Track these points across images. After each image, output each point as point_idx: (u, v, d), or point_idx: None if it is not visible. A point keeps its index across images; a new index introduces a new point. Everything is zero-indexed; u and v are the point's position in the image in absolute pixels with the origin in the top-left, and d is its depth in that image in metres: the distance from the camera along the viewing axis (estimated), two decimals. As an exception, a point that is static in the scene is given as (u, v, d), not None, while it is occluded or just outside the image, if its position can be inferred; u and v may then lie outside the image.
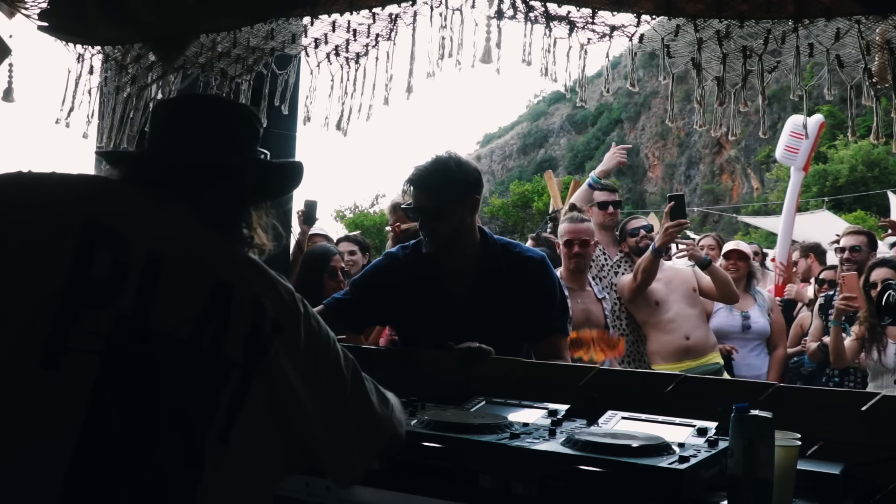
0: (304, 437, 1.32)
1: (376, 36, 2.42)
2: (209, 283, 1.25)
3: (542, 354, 2.57)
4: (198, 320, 1.22)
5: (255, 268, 1.35)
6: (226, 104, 1.68)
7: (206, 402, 1.21)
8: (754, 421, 1.45)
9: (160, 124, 1.47)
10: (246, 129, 1.47)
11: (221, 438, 1.21)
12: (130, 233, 1.24)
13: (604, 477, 1.46)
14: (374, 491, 1.65)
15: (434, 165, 2.49)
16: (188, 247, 1.29)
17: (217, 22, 2.38)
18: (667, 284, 4.18)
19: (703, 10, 2.01)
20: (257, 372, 1.25)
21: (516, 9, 2.14)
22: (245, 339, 1.25)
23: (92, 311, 1.17)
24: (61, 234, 1.21)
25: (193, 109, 1.49)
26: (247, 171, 1.43)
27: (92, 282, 1.19)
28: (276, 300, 1.31)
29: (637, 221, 4.47)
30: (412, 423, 1.72)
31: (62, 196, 1.27)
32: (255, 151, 1.48)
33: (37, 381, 1.14)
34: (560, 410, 1.86)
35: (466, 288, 2.52)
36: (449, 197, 2.46)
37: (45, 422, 1.13)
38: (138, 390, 1.18)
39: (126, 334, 1.18)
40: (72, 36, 2.65)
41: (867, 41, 1.95)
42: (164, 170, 1.37)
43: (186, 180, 1.36)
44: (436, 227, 2.48)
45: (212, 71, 2.72)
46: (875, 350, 3.98)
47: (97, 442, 1.14)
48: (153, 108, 1.62)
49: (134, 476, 1.15)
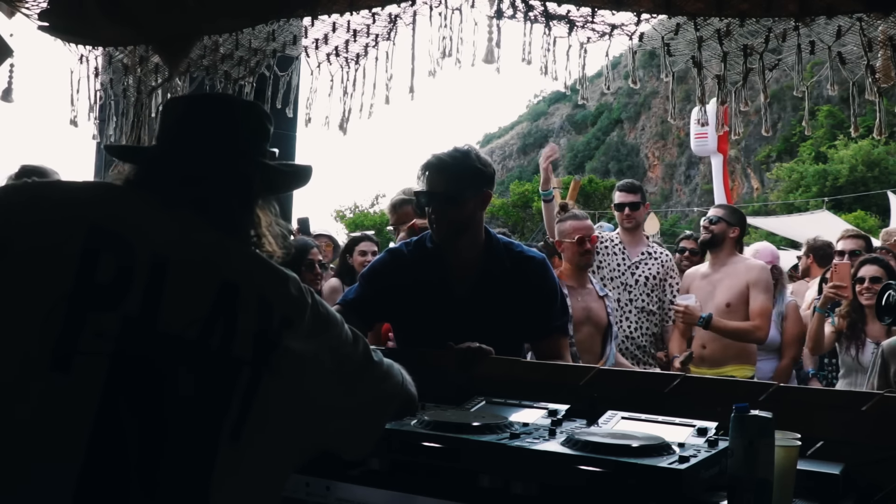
0: (318, 424, 1.33)
1: (376, 36, 2.42)
2: (216, 283, 1.26)
3: (543, 354, 2.57)
4: (206, 321, 1.23)
5: (261, 264, 1.36)
6: (237, 105, 1.67)
7: (218, 402, 1.22)
8: (754, 421, 1.44)
9: (170, 125, 1.47)
10: (256, 129, 1.48)
11: (234, 436, 1.21)
12: (135, 237, 1.25)
13: (604, 477, 1.46)
14: (375, 491, 1.65)
15: (455, 153, 2.51)
16: (193, 248, 1.29)
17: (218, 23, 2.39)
18: (707, 294, 4.12)
19: (704, 8, 2.01)
20: (267, 368, 1.26)
21: (516, 8, 2.14)
22: (254, 338, 1.26)
23: (99, 314, 1.18)
24: (66, 239, 1.22)
25: (204, 111, 1.48)
26: (255, 177, 1.44)
27: (98, 286, 1.20)
28: (284, 295, 1.32)
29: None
30: (412, 423, 1.72)
31: (66, 202, 1.28)
32: (264, 152, 1.48)
33: (47, 385, 1.14)
34: (560, 410, 1.86)
35: (469, 284, 2.52)
36: (466, 185, 2.47)
37: (57, 425, 1.14)
38: (149, 392, 1.18)
39: (134, 337, 1.19)
40: (72, 36, 2.65)
41: (869, 38, 1.95)
42: (171, 175, 1.38)
43: (193, 185, 1.37)
44: (447, 215, 2.47)
45: (216, 73, 2.73)
46: (853, 347, 3.94)
47: (109, 444, 1.15)
48: (163, 107, 1.62)
49: (147, 476, 1.15)
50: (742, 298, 4.10)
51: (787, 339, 4.45)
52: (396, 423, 1.72)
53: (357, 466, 1.69)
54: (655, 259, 4.30)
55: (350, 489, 1.67)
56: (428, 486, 1.61)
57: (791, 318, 4.51)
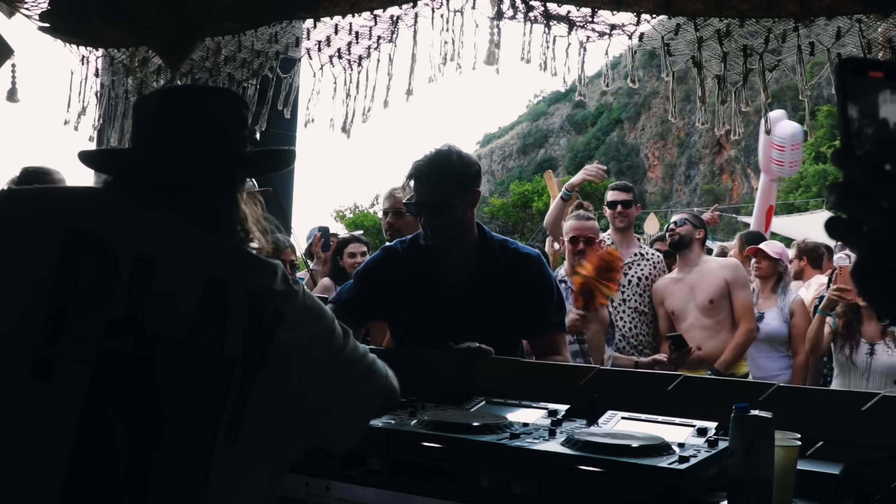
0: (311, 418, 1.32)
1: (378, 38, 2.43)
2: (203, 282, 1.24)
3: (541, 351, 2.57)
4: (194, 321, 1.21)
5: (247, 259, 1.33)
6: (211, 95, 1.61)
7: (212, 403, 1.20)
8: (754, 421, 1.45)
9: (144, 123, 1.43)
10: (232, 118, 1.43)
11: (230, 437, 1.20)
12: (115, 238, 1.22)
13: (604, 477, 1.46)
14: (375, 491, 1.65)
15: (436, 159, 2.46)
16: (178, 247, 1.27)
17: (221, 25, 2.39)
18: (685, 295, 4.14)
19: (704, 8, 2.02)
20: (260, 365, 1.24)
21: (516, 9, 2.14)
22: (244, 335, 1.24)
23: (80, 319, 1.16)
24: (44, 245, 1.19)
25: (177, 106, 1.44)
26: (235, 168, 1.41)
27: (79, 290, 1.17)
28: (273, 287, 1.29)
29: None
30: (412, 424, 1.72)
31: (44, 209, 1.26)
32: (242, 140, 1.44)
33: (27, 393, 1.12)
34: (560, 410, 1.86)
35: (463, 280, 2.52)
36: (453, 191, 2.43)
37: (39, 434, 1.12)
38: (139, 395, 1.17)
39: (120, 339, 1.17)
40: (73, 37, 2.66)
41: (868, 40, 1.95)
42: (150, 174, 1.35)
43: (172, 183, 1.34)
44: (439, 222, 2.46)
45: (219, 75, 2.73)
46: (847, 346, 3.96)
47: (95, 452, 1.13)
48: (135, 105, 1.58)
49: (138, 483, 1.14)
50: (723, 294, 4.15)
51: (799, 335, 4.45)
52: (397, 423, 1.73)
53: (357, 466, 1.69)
54: (647, 260, 4.33)
55: (350, 489, 1.67)
56: (428, 486, 1.61)
57: (799, 313, 4.51)
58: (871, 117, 0.71)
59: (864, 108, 0.71)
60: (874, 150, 0.70)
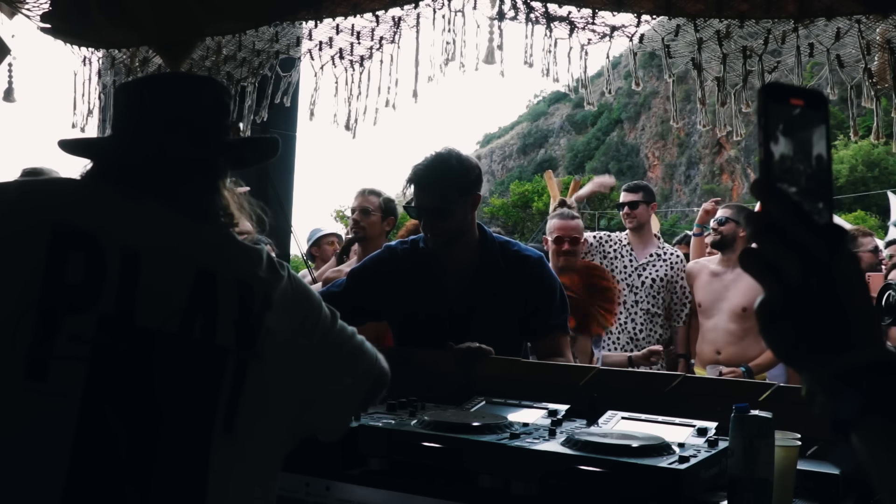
0: (305, 403, 1.30)
1: (380, 39, 2.43)
2: (191, 272, 1.22)
3: (543, 353, 2.57)
4: (185, 312, 1.19)
5: (233, 246, 1.31)
6: (191, 83, 1.56)
7: (207, 395, 1.19)
8: (754, 421, 1.45)
9: (123, 112, 1.40)
10: (213, 106, 1.40)
11: (227, 428, 1.19)
12: (102, 231, 1.20)
13: (604, 477, 1.46)
14: (375, 491, 1.65)
15: (436, 163, 2.45)
16: (164, 238, 1.25)
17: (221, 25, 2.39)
18: (717, 293, 4.03)
19: (704, 9, 2.02)
20: (252, 354, 1.22)
21: (517, 9, 2.15)
22: (235, 324, 1.22)
23: (72, 316, 1.14)
24: (30, 241, 1.17)
25: (156, 94, 1.41)
26: (217, 157, 1.38)
27: (69, 287, 1.15)
28: (260, 274, 1.28)
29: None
30: (412, 424, 1.73)
31: (27, 204, 1.23)
32: (224, 129, 1.41)
33: (23, 394, 1.11)
34: (560, 410, 1.86)
35: (463, 280, 2.52)
36: (452, 196, 2.43)
37: (38, 435, 1.11)
38: (136, 391, 1.16)
39: (112, 335, 1.15)
40: (74, 38, 2.66)
41: (867, 41, 1.95)
42: (131, 164, 1.33)
43: (155, 173, 1.31)
44: (440, 226, 2.46)
45: (218, 74, 2.73)
46: None
47: (95, 450, 1.12)
48: (115, 93, 1.54)
49: (141, 478, 1.13)
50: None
51: None
52: (397, 423, 1.73)
53: (357, 466, 1.69)
54: (664, 261, 4.25)
55: (350, 489, 1.67)
56: (428, 486, 1.62)
57: None
58: (792, 147, 0.66)
59: (785, 137, 0.66)
60: (794, 183, 0.65)
